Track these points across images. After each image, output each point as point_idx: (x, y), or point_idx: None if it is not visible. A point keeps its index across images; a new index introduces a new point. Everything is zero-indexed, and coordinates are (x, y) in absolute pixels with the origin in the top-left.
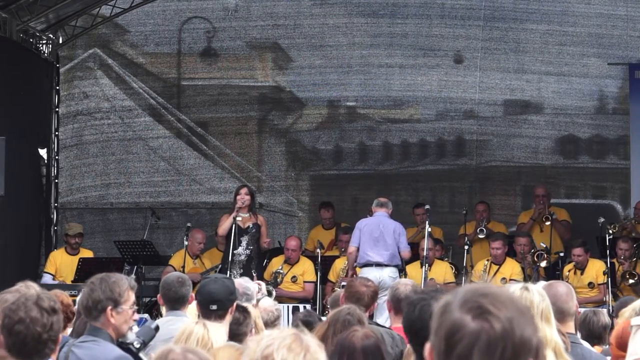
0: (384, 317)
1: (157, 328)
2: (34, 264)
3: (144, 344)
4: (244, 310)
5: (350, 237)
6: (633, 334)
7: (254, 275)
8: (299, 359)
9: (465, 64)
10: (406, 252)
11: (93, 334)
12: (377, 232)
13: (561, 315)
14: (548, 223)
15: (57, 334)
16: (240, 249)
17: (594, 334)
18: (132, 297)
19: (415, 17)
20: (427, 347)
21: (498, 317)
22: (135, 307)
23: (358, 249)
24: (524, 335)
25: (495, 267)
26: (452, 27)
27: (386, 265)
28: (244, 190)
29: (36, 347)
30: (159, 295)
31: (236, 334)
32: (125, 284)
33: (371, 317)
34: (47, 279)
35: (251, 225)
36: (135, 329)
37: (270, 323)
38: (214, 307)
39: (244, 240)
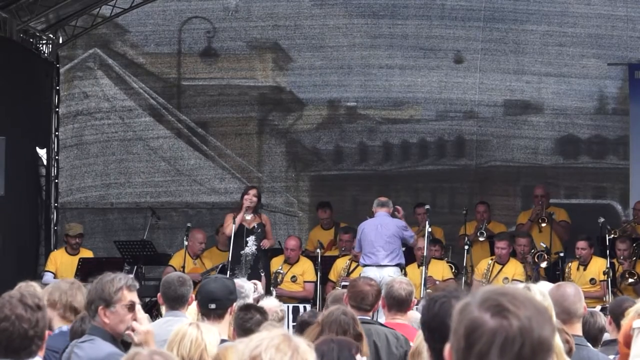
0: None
1: None
2: (33, 264)
3: None
4: (263, 312)
5: (350, 236)
6: (635, 337)
7: (262, 274)
8: (286, 359)
9: (465, 65)
10: (413, 241)
11: (91, 333)
12: (375, 234)
13: (568, 316)
14: (544, 225)
15: (42, 331)
16: (247, 249)
17: (590, 335)
18: (127, 297)
19: (416, 18)
20: (447, 347)
21: (517, 315)
22: (138, 306)
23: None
24: (542, 334)
25: (498, 267)
26: (452, 28)
27: (385, 266)
28: (252, 192)
29: (22, 343)
30: (159, 294)
31: None
32: (119, 283)
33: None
34: (48, 277)
35: (256, 225)
36: None
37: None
38: (213, 306)
39: (250, 240)
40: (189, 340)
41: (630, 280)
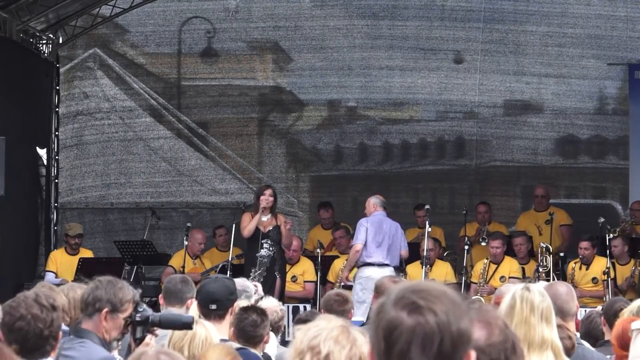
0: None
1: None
2: (33, 264)
3: (148, 320)
4: (261, 313)
5: (343, 232)
6: (634, 338)
7: (277, 276)
8: (345, 352)
9: (465, 66)
10: (405, 251)
11: (81, 335)
12: (381, 234)
13: (561, 315)
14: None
15: (57, 331)
16: (263, 252)
17: (592, 334)
18: (130, 310)
19: (416, 19)
20: (369, 349)
21: (432, 311)
22: (132, 320)
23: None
24: (461, 326)
25: (494, 267)
26: (452, 29)
27: (387, 265)
28: (268, 192)
29: (37, 343)
30: (160, 295)
31: (253, 336)
32: (129, 294)
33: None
34: (50, 277)
35: (272, 228)
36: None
37: (275, 323)
38: (214, 306)
39: (266, 243)
40: (200, 339)
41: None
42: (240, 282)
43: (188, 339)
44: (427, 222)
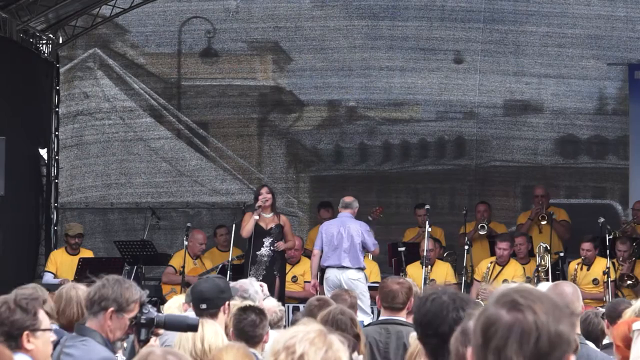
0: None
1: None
2: (33, 264)
3: (153, 322)
4: (260, 312)
5: None
6: (635, 339)
7: (277, 276)
8: (321, 354)
9: (465, 66)
10: (375, 249)
11: (83, 334)
12: (337, 236)
13: None
14: (544, 222)
15: (18, 332)
16: (263, 250)
17: (591, 334)
18: (136, 311)
19: (416, 19)
20: (469, 351)
21: (532, 309)
22: (137, 320)
23: (322, 251)
24: (559, 328)
25: (498, 268)
26: (452, 29)
27: (347, 268)
28: (264, 190)
29: None
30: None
31: (252, 336)
32: (136, 295)
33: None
34: (48, 277)
35: (274, 227)
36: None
37: (274, 324)
38: (204, 306)
39: (267, 242)
40: (211, 335)
41: (629, 282)
42: (242, 282)
43: (199, 335)
44: (427, 222)
